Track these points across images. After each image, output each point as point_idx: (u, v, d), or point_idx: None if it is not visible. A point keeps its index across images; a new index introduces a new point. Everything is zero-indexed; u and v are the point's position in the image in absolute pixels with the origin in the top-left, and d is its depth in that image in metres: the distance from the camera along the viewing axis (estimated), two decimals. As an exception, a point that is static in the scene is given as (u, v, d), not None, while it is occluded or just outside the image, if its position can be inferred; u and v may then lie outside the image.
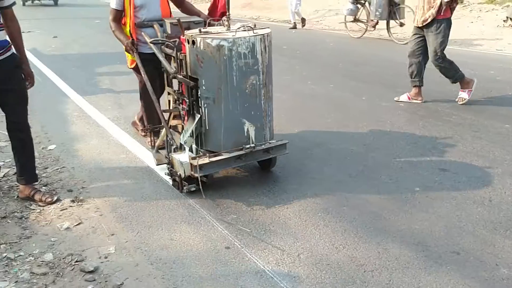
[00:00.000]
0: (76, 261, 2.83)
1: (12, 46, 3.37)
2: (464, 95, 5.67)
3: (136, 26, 4.10)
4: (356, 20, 11.38)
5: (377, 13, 10.38)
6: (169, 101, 4.10)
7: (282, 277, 2.61)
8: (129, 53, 4.13)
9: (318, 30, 13.42)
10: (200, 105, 3.45)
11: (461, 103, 5.64)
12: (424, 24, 5.46)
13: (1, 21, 3.27)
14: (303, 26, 13.35)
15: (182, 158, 3.44)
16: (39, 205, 3.46)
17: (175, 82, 3.87)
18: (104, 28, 13.87)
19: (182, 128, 3.76)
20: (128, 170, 4.06)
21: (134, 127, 4.91)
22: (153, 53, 3.80)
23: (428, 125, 4.98)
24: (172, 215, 3.31)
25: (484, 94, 6.05)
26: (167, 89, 4.05)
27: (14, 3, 3.36)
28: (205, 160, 3.37)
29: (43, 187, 3.72)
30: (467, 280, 2.56)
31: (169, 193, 3.62)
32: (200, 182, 3.34)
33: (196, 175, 3.33)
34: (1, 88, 3.30)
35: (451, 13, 5.51)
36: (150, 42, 3.80)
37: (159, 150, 4.05)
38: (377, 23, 11.13)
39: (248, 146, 3.46)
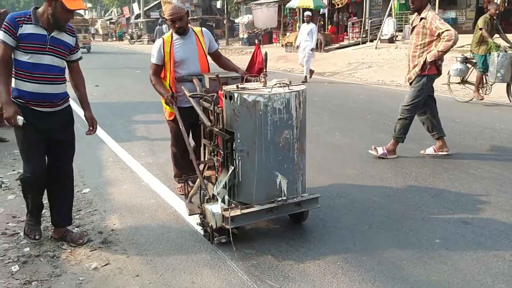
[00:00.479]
0: (102, 301, 2.96)
1: (69, 99, 3.66)
2: (380, 150, 5.76)
3: (176, 80, 4.28)
4: (463, 81, 9.73)
5: (499, 74, 8.67)
6: (205, 152, 4.20)
7: (297, 323, 2.67)
8: (169, 105, 4.26)
9: (350, 82, 13.65)
10: (234, 157, 3.53)
11: (377, 154, 5.74)
12: (409, 81, 5.62)
13: (65, 74, 3.59)
14: (310, 77, 13.31)
15: (214, 209, 3.51)
16: (71, 246, 3.65)
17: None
18: (144, 78, 14.58)
19: (216, 179, 3.82)
20: (157, 215, 4.23)
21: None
22: (191, 107, 3.98)
23: (453, 177, 5.00)
24: (195, 258, 3.44)
25: (513, 148, 6.04)
26: (203, 141, 4.14)
27: (81, 58, 3.71)
28: (237, 212, 3.40)
29: (75, 228, 3.93)
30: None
31: (193, 238, 3.76)
32: (231, 234, 3.38)
33: (227, 226, 3.38)
34: (56, 139, 3.54)
35: (438, 70, 5.53)
36: (189, 96, 3.94)
37: (192, 200, 4.16)
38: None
39: (280, 199, 3.49)
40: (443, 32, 5.16)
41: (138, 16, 50.92)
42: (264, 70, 3.70)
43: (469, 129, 7.23)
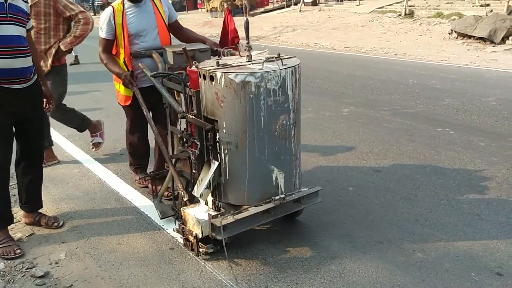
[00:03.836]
0: (27, 268, 2.98)
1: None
2: (97, 139, 4.96)
3: (132, 57, 3.59)
4: None
5: None
6: (173, 142, 3.50)
7: (220, 270, 2.83)
8: (128, 87, 3.60)
9: (276, 46, 13.85)
10: (219, 150, 2.95)
11: (96, 149, 4.96)
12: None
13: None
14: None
15: (199, 214, 2.97)
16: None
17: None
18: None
19: (191, 175, 3.19)
20: (81, 184, 4.23)
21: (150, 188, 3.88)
22: (150, 87, 3.47)
23: (367, 131, 5.33)
24: (121, 222, 3.51)
25: (423, 102, 6.50)
26: (170, 128, 3.47)
27: (32, 27, 3.36)
28: (229, 219, 2.80)
29: None
30: (386, 265, 2.84)
31: (118, 203, 3.81)
32: (225, 246, 2.77)
33: (219, 237, 2.78)
34: (28, 118, 3.24)
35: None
36: (152, 76, 3.32)
37: (162, 200, 3.62)
38: None
39: (277, 197, 2.92)
40: (76, 14, 4.27)
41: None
42: (247, 42, 3.00)
43: (385, 85, 7.64)
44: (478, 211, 3.45)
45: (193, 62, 3.09)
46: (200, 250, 2.96)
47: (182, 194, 3.11)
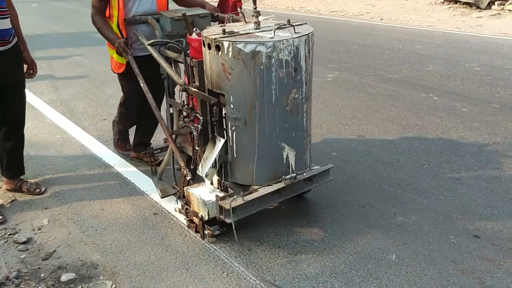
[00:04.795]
0: (10, 234, 2.97)
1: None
2: None
3: (126, 22, 3.31)
4: None
5: None
6: (171, 116, 3.32)
7: (209, 239, 2.86)
8: (122, 55, 3.31)
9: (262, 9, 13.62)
10: (225, 127, 2.73)
11: None
12: None
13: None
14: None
15: (204, 195, 2.77)
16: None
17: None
18: (41, 10, 13.64)
19: (193, 152, 3.02)
20: (63, 150, 4.17)
21: (136, 158, 3.87)
22: (146, 56, 3.23)
23: (352, 96, 5.33)
24: (104, 187, 3.49)
25: (408, 67, 6.50)
26: (168, 101, 3.28)
27: None
28: (239, 200, 2.58)
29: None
30: (368, 228, 2.89)
31: (101, 169, 3.79)
32: (234, 230, 2.53)
33: (228, 220, 2.56)
34: (10, 83, 3.15)
35: None
36: (149, 45, 3.09)
37: (162, 177, 3.46)
38: None
39: (288, 176, 2.73)
40: None
41: None
42: (254, 7, 2.74)
43: (370, 51, 7.60)
44: (459, 176, 3.50)
45: (194, 29, 2.89)
46: (206, 232, 2.78)
47: (185, 173, 2.93)
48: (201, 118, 2.84)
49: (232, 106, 2.62)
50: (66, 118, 4.91)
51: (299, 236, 2.83)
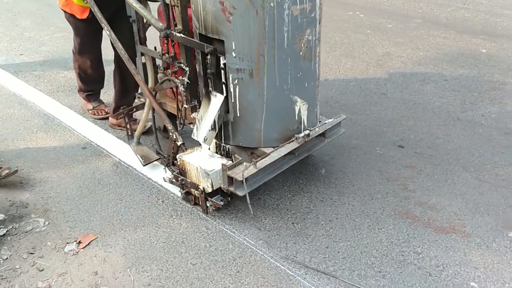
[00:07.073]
0: None
1: None
2: None
3: None
4: None
5: None
6: (144, 68, 2.79)
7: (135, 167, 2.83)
8: None
9: None
10: (224, 80, 2.25)
11: None
12: None
13: None
14: None
15: (205, 164, 2.31)
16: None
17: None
18: None
19: (178, 111, 2.62)
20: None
21: (115, 126, 3.28)
22: None
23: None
24: (27, 125, 3.33)
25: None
26: (140, 48, 2.74)
27: None
28: (251, 169, 2.17)
29: None
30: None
31: (22, 106, 3.59)
32: (249, 203, 2.16)
33: (239, 193, 2.17)
34: None
35: None
36: None
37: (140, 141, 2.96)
38: None
39: (301, 134, 2.35)
40: None
41: None
42: None
43: None
44: (384, 90, 3.62)
45: None
46: (208, 205, 2.40)
47: (175, 137, 2.45)
48: (186, 69, 2.41)
49: (234, 55, 2.15)
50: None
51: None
